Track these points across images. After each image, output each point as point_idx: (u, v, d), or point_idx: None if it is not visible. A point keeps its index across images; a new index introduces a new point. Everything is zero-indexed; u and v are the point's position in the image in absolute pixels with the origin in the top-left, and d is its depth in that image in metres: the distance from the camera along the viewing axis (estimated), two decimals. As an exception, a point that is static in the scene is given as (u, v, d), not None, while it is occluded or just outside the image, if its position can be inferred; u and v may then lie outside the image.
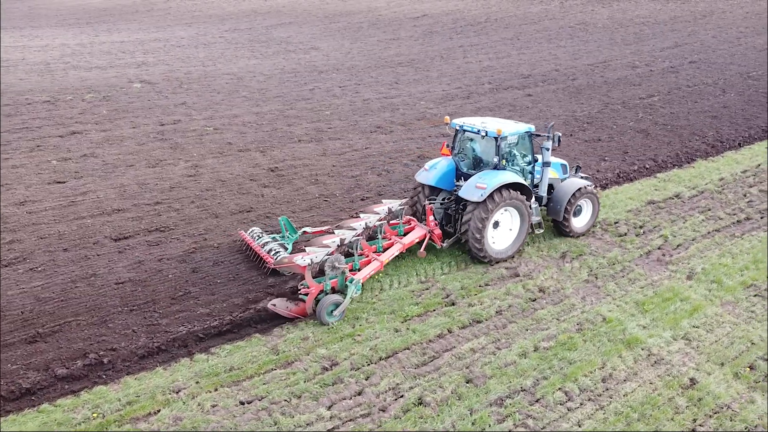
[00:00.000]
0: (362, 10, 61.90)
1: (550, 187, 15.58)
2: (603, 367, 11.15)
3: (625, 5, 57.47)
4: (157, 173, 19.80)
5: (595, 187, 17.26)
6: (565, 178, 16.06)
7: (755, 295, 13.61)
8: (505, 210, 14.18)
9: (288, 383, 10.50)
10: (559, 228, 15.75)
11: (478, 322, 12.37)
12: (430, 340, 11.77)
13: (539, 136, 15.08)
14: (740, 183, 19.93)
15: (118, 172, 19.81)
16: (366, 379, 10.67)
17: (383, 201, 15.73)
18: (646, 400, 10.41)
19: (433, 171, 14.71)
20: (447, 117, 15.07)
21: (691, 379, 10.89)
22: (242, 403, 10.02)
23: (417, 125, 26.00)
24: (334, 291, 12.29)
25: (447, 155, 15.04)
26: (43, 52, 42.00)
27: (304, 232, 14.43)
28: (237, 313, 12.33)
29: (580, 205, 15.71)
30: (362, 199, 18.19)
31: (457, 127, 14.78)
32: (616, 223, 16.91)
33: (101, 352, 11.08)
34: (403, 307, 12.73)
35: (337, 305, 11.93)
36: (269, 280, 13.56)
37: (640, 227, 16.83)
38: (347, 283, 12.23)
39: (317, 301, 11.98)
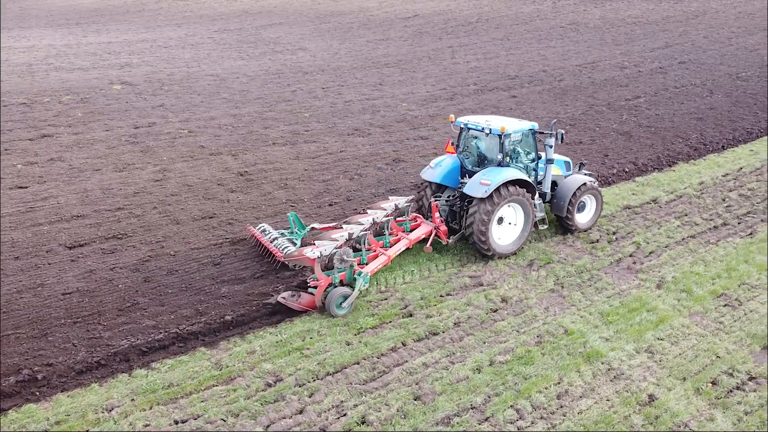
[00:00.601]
0: (353, 10, 61.48)
1: (554, 183, 15.80)
2: (559, 383, 10.69)
3: (617, 5, 57.03)
4: (123, 178, 19.38)
5: (599, 183, 17.52)
6: (569, 175, 16.18)
7: (725, 305, 13.15)
8: (509, 206, 14.33)
9: (227, 401, 10.06)
10: (563, 224, 15.84)
11: (435, 334, 11.93)
12: (381, 354, 11.32)
13: (542, 133, 15.14)
14: (720, 187, 19.47)
15: (83, 177, 19.38)
16: (309, 396, 10.23)
17: (390, 198, 15.84)
18: (601, 418, 9.95)
19: (438, 169, 14.89)
20: (451, 116, 15.37)
21: (650, 396, 10.43)
22: (176, 422, 9.58)
23: (396, 127, 25.55)
24: (342, 284, 12.53)
25: (452, 153, 15.26)
26: (27, 54, 41.61)
27: (313, 228, 14.54)
28: (184, 326, 11.90)
29: (583, 201, 15.89)
30: (330, 205, 17.76)
31: (462, 126, 14.99)
32: (588, 229, 16.44)
33: (36, 368, 10.65)
34: (358, 318, 12.28)
35: (345, 297, 12.17)
36: (222, 289, 13.14)
37: (614, 233, 16.38)
38: (355, 276, 12.49)
39: (326, 293, 12.19)
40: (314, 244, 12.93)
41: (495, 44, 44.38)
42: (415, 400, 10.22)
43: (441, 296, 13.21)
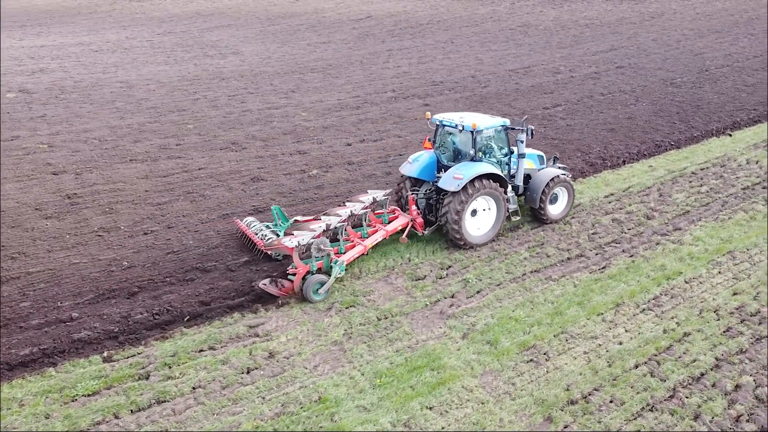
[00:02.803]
0: (308, 11, 59.76)
1: (528, 176, 16.46)
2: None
3: (576, 6, 55.14)
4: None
5: (573, 177, 18.14)
6: (542, 168, 16.80)
7: (529, 361, 11.33)
8: (482, 199, 14.90)
9: None
10: (536, 215, 16.42)
11: (160, 403, 10.13)
12: None
13: (514, 129, 15.61)
14: (595, 210, 17.63)
15: None
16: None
17: (368, 191, 16.16)
18: None
19: (415, 164, 15.52)
20: (428, 113, 16.04)
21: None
22: None
23: (279, 140, 23.77)
24: (320, 271, 13.07)
25: (429, 149, 15.90)
26: (-57, 58, 39.96)
27: (296, 220, 14.83)
28: None
29: (556, 193, 16.44)
30: (145, 234, 15.97)
31: (438, 122, 15.55)
32: (422, 262, 14.64)
33: None
34: (78, 383, 10.47)
35: (322, 284, 12.83)
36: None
37: (448, 267, 14.56)
38: (332, 264, 13.02)
39: (304, 280, 12.72)
40: (293, 234, 13.27)
41: (436, 48, 42.57)
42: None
43: (197, 351, 11.40)
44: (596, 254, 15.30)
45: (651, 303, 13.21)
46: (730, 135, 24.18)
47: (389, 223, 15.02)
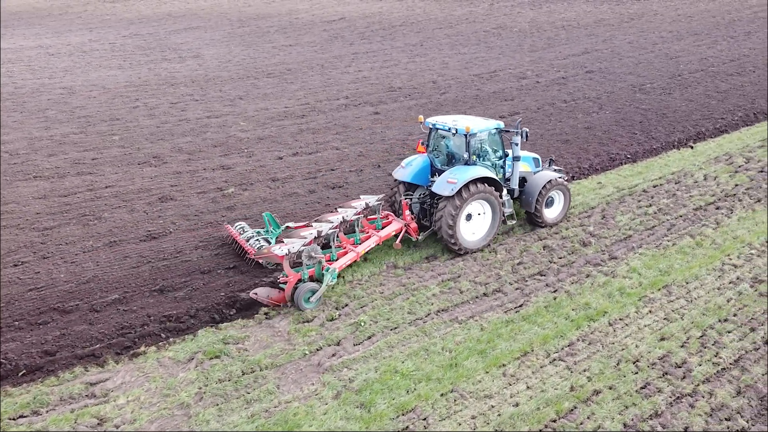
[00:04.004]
0: (281, 12, 58.17)
1: (524, 179, 16.06)
2: None
3: (555, 7, 53.46)
4: None
5: (568, 179, 17.58)
6: (538, 171, 16.46)
7: (403, 429, 9.63)
8: (477, 203, 14.57)
9: None
10: (532, 219, 16.03)
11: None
12: None
13: (508, 132, 15.42)
14: (527, 236, 15.97)
15: None
16: None
17: (361, 196, 15.77)
18: None
19: (409, 168, 15.23)
20: (420, 117, 15.77)
21: None
22: None
23: (205, 153, 22.12)
24: (312, 279, 12.80)
25: (422, 152, 15.58)
26: None
27: (287, 227, 14.55)
28: None
29: (551, 197, 16.08)
30: (15, 265, 14.30)
31: (431, 126, 15.22)
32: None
33: None
34: None
35: (313, 292, 12.53)
36: None
37: (344, 306, 12.90)
38: (324, 272, 12.73)
39: (295, 289, 12.43)
40: (284, 242, 12.97)
41: (404, 51, 40.93)
42: None
43: (15, 418, 9.73)
44: (516, 289, 13.64)
45: (564, 351, 11.54)
46: (692, 147, 22.51)
47: (382, 228, 14.67)
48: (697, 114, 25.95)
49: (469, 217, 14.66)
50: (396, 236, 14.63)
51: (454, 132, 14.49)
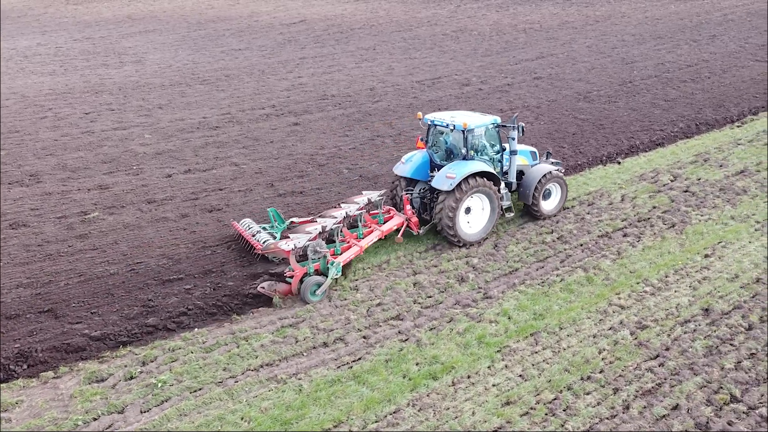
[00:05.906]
0: (242, 15, 56.43)
1: (521, 173, 16.33)
2: None
3: (522, 9, 51.61)
4: None
5: (564, 171, 17.69)
6: (535, 164, 16.68)
7: None
8: (476, 197, 14.92)
9: None
10: (529, 211, 16.31)
11: None
12: None
13: (505, 126, 15.77)
14: (401, 269, 14.20)
15: None
16: None
17: (363, 192, 16.03)
18: None
19: (409, 164, 15.55)
20: (419, 113, 16.05)
21: None
22: None
23: (91, 170, 20.41)
24: (317, 273, 13.17)
25: (422, 148, 15.89)
26: None
27: (292, 222, 14.93)
28: None
29: (549, 189, 16.35)
30: None
31: (429, 122, 15.57)
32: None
33: None
34: None
35: (319, 285, 12.85)
36: None
37: (152, 360, 11.12)
38: (328, 265, 13.07)
39: (302, 282, 12.78)
40: (289, 237, 13.26)
41: (354, 55, 39.18)
42: None
43: None
44: (362, 337, 11.90)
45: (385, 421, 9.90)
46: (619, 163, 20.75)
47: (385, 223, 15.09)
48: (637, 125, 24.18)
49: (468, 210, 15.02)
50: (398, 230, 14.92)
51: (452, 128, 14.91)
